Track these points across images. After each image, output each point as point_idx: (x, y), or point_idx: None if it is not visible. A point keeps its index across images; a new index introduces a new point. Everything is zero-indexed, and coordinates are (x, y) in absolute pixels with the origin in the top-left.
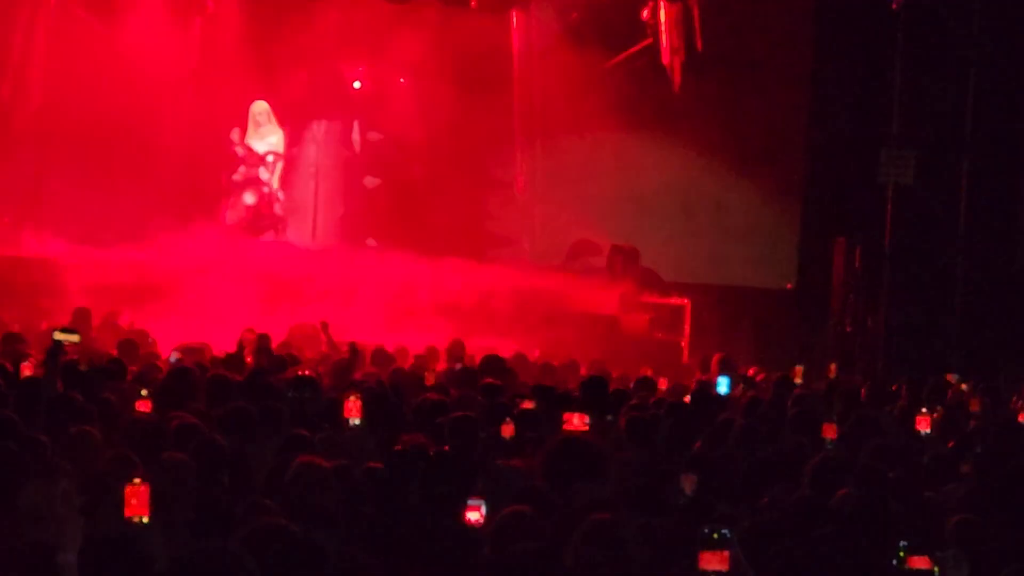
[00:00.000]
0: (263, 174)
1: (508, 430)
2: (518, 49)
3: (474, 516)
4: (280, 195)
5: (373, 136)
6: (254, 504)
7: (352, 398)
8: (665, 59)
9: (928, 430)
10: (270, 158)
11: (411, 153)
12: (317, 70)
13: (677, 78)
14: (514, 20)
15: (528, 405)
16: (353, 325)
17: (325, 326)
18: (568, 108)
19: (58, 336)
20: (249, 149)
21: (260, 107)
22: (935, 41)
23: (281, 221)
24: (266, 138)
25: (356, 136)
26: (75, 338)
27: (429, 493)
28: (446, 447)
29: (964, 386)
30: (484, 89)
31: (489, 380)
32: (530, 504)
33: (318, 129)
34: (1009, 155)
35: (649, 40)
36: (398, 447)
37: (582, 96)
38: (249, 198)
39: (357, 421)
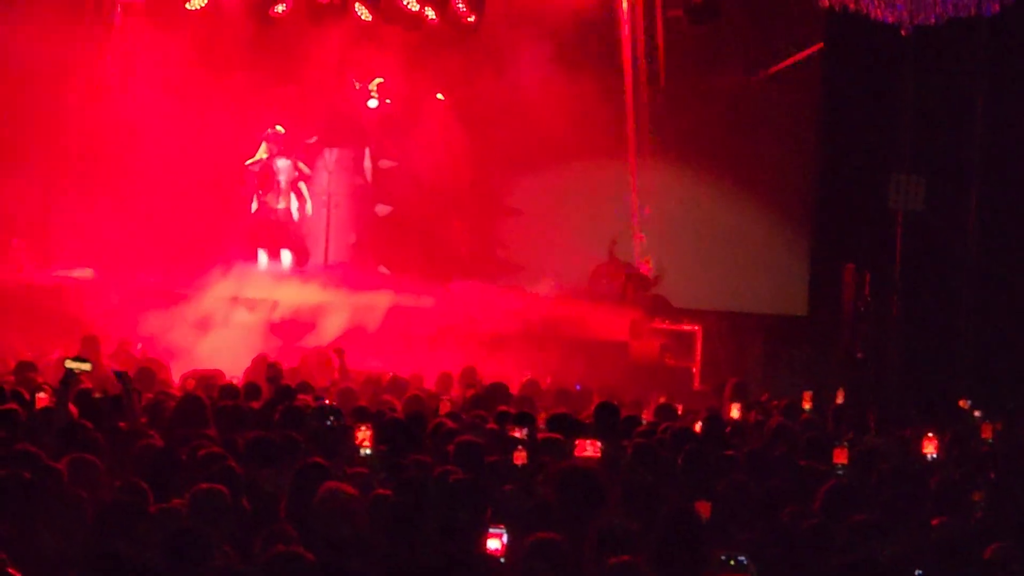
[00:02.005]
0: (281, 199)
1: (520, 457)
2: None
3: (494, 544)
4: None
5: (385, 164)
6: (273, 532)
7: (364, 427)
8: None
9: (935, 453)
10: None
11: (422, 179)
12: (331, 95)
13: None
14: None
15: (516, 432)
16: (366, 352)
17: (341, 352)
18: (578, 134)
19: (70, 365)
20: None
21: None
22: (944, 68)
23: (301, 244)
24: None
25: (368, 164)
26: (87, 367)
27: (445, 520)
28: (459, 474)
29: (977, 412)
30: (494, 112)
31: (503, 407)
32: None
33: (330, 156)
34: (1018, 181)
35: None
36: (411, 474)
37: (593, 122)
38: (268, 219)
39: (369, 451)
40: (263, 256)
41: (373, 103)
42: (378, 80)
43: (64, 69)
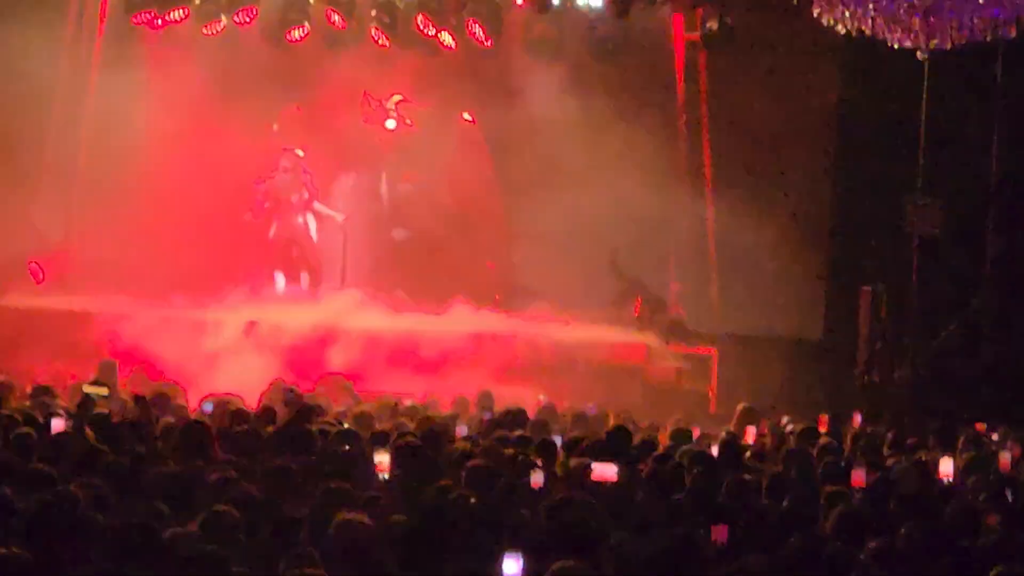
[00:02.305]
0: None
1: (537, 481)
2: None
3: (511, 568)
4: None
5: (402, 188)
6: (297, 555)
7: (381, 452)
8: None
9: (951, 477)
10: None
11: (438, 203)
12: (347, 118)
13: None
14: None
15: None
16: (383, 375)
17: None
18: (591, 157)
19: (87, 390)
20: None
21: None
22: (961, 91)
23: (317, 267)
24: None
25: (384, 188)
26: (104, 391)
27: (463, 546)
28: (475, 499)
29: (994, 435)
30: (513, 135)
31: (519, 431)
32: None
33: (346, 180)
34: None
35: None
36: (430, 500)
37: (609, 145)
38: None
39: (386, 475)
40: (280, 279)
41: (391, 124)
42: (396, 98)
43: (79, 90)
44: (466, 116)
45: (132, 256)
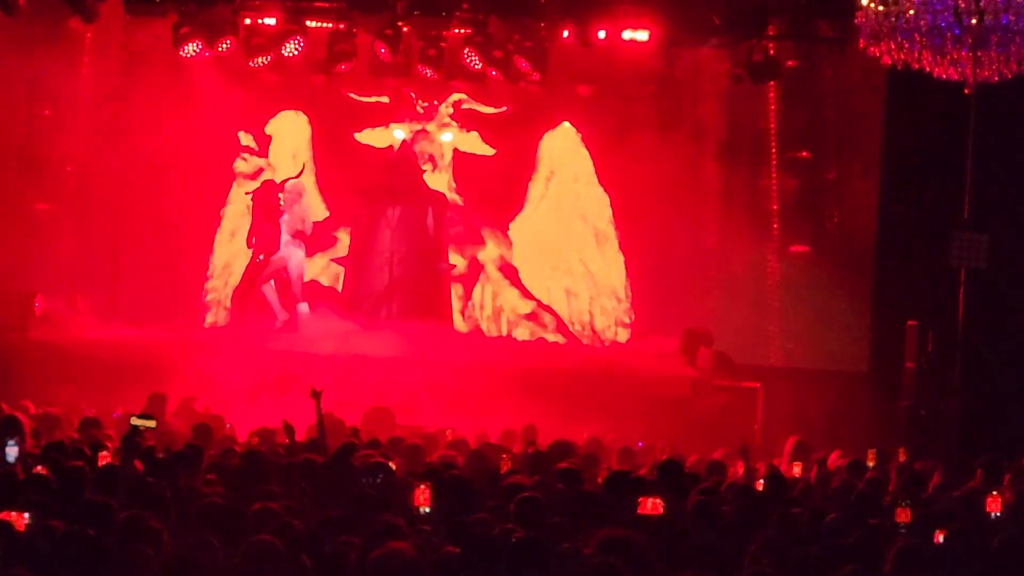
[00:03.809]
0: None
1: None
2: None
3: None
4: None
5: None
6: None
7: (422, 486)
8: None
9: (999, 512)
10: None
11: (475, 233)
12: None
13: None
14: None
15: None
16: (427, 407)
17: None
18: (635, 191)
19: (135, 422)
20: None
21: None
22: (1007, 123)
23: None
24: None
25: (431, 221)
26: (152, 423)
27: None
28: (521, 533)
29: None
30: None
31: (564, 464)
32: None
33: (392, 214)
34: None
35: None
36: (472, 532)
37: (653, 177)
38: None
39: (427, 509)
40: (304, 307)
41: (447, 136)
42: (456, 96)
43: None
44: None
45: (174, 285)
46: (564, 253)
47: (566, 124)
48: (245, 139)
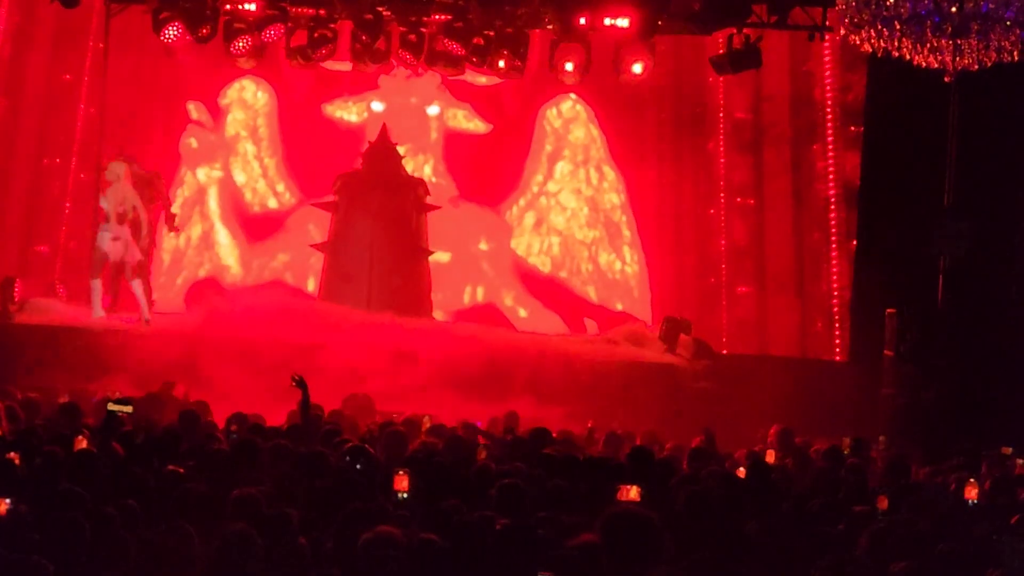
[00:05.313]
0: None
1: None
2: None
3: None
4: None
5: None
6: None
7: (401, 472)
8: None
9: (976, 499)
10: None
11: (470, 221)
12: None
13: None
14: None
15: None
16: (405, 394)
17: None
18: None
19: (112, 407)
20: None
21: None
22: (989, 112)
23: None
24: None
25: (412, 211)
26: (129, 408)
27: (490, 566)
28: (505, 520)
29: (1020, 460)
30: None
31: (547, 451)
32: None
33: (370, 202)
34: None
35: None
36: (451, 519)
37: (634, 165)
38: None
39: (405, 494)
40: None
41: (434, 109)
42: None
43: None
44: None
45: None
46: (570, 245)
47: (572, 96)
48: (196, 112)
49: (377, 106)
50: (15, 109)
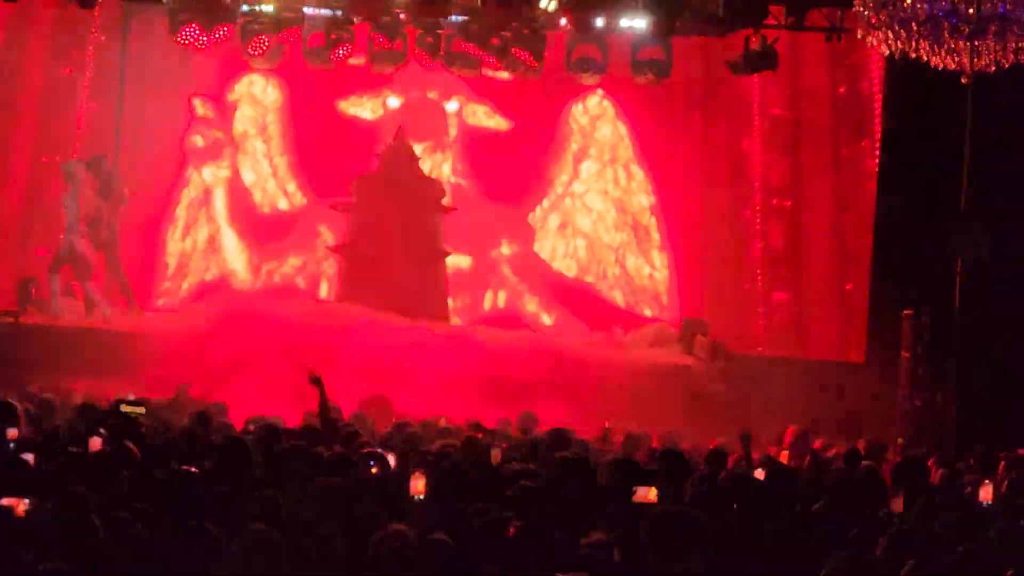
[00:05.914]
0: None
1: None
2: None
3: None
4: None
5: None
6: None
7: (417, 474)
8: None
9: (991, 500)
10: None
11: (491, 223)
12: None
13: None
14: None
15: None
16: (422, 395)
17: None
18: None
19: (125, 409)
20: None
21: None
22: (1006, 113)
23: None
24: None
25: (430, 213)
26: (141, 410)
27: (504, 568)
28: (519, 522)
29: None
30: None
31: (563, 454)
32: None
33: (385, 204)
34: None
35: None
36: (468, 521)
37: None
38: None
39: (421, 496)
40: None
41: (453, 105)
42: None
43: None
44: None
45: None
46: (596, 248)
47: (599, 92)
48: (202, 108)
49: (393, 102)
50: (12, 105)
